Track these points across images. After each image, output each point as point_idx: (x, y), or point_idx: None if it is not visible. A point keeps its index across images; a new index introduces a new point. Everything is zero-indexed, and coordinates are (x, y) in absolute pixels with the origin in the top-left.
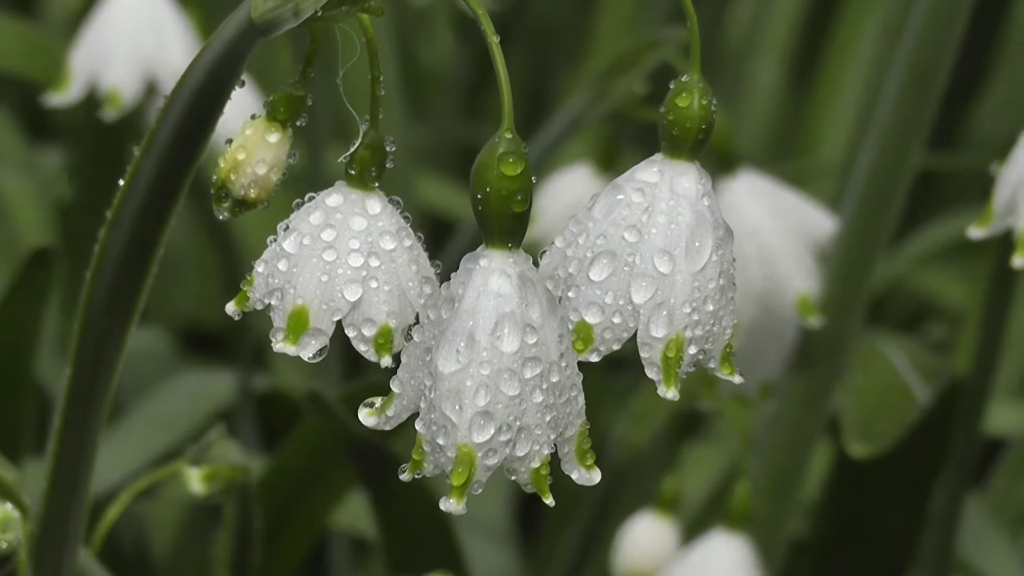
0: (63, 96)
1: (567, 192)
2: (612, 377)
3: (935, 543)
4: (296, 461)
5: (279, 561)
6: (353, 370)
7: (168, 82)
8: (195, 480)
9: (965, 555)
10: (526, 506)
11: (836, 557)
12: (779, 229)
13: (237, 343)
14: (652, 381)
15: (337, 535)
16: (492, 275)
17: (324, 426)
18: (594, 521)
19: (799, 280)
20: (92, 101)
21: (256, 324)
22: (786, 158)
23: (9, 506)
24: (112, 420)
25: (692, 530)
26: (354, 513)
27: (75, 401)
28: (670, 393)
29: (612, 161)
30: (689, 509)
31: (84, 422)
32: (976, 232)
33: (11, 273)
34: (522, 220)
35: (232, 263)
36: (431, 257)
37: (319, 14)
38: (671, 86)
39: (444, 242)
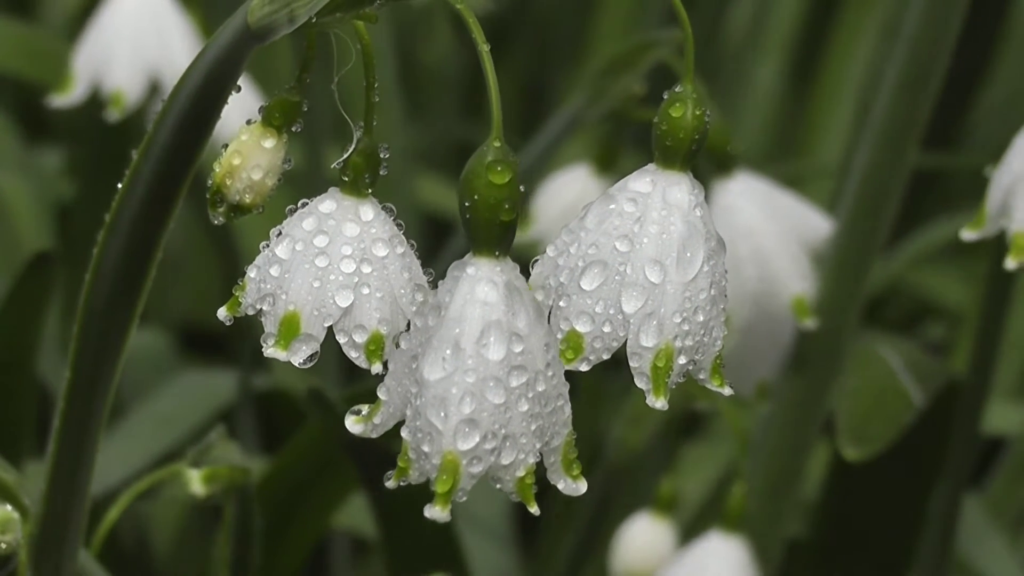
0: (66, 97)
1: (566, 192)
2: (610, 378)
3: (934, 544)
4: (297, 463)
5: (280, 563)
6: (351, 373)
7: (172, 83)
8: (195, 481)
9: (964, 556)
10: (526, 506)
11: (834, 558)
12: (775, 230)
13: (237, 343)
14: None
15: (337, 535)
16: (479, 283)
17: (325, 428)
18: (592, 522)
19: (794, 281)
20: (93, 102)
21: (256, 324)
22: (785, 158)
23: (9, 507)
24: (112, 420)
25: (690, 531)
26: (354, 513)
27: (75, 402)
28: (659, 403)
29: (611, 161)
30: (687, 510)
31: (84, 423)
32: (969, 234)
33: (10, 274)
34: (509, 229)
35: (232, 263)
36: (429, 255)
37: (314, 20)
38: (665, 96)
39: (443, 242)
